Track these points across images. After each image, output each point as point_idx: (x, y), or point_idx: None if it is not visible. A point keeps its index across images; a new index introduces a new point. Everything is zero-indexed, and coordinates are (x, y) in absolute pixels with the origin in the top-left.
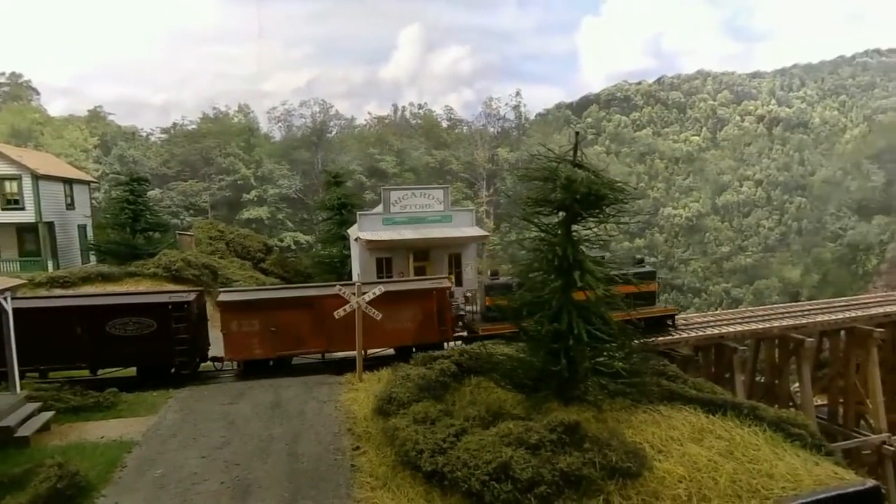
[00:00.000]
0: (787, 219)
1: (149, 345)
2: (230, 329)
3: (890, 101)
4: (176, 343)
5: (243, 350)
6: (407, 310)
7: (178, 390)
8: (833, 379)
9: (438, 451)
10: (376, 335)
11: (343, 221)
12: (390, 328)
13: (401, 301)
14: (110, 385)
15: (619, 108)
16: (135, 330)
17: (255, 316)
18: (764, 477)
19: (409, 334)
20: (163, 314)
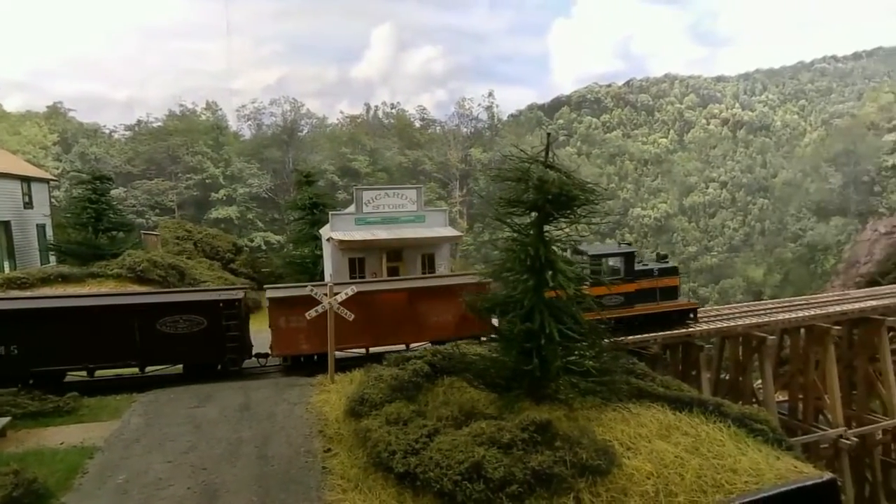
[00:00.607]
0: (750, 220)
1: (199, 342)
2: (278, 325)
3: (846, 106)
4: (226, 340)
5: (291, 345)
6: (447, 304)
7: (142, 394)
8: (793, 375)
9: (411, 451)
10: (418, 329)
11: (315, 221)
12: (432, 322)
13: (442, 295)
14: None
15: (590, 109)
16: (185, 327)
17: (303, 311)
18: (728, 472)
19: (449, 328)
20: (214, 312)
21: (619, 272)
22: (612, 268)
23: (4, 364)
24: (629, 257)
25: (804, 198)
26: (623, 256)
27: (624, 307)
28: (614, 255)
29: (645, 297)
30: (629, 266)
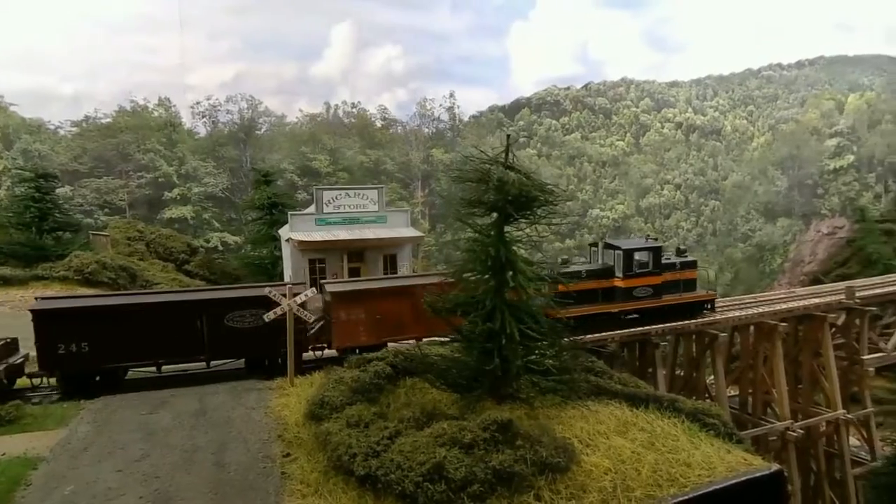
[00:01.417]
0: (703, 221)
1: (263, 336)
2: (339, 318)
3: (790, 112)
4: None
5: (351, 337)
6: None
7: (90, 401)
8: (744, 371)
9: (372, 454)
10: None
11: (274, 222)
12: None
13: None
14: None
15: (550, 112)
16: (251, 322)
17: (362, 305)
18: (682, 466)
19: None
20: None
21: (648, 265)
22: (640, 261)
23: (76, 361)
24: (657, 251)
25: (753, 200)
26: (651, 251)
27: (653, 298)
28: (644, 249)
29: (671, 289)
30: (657, 259)
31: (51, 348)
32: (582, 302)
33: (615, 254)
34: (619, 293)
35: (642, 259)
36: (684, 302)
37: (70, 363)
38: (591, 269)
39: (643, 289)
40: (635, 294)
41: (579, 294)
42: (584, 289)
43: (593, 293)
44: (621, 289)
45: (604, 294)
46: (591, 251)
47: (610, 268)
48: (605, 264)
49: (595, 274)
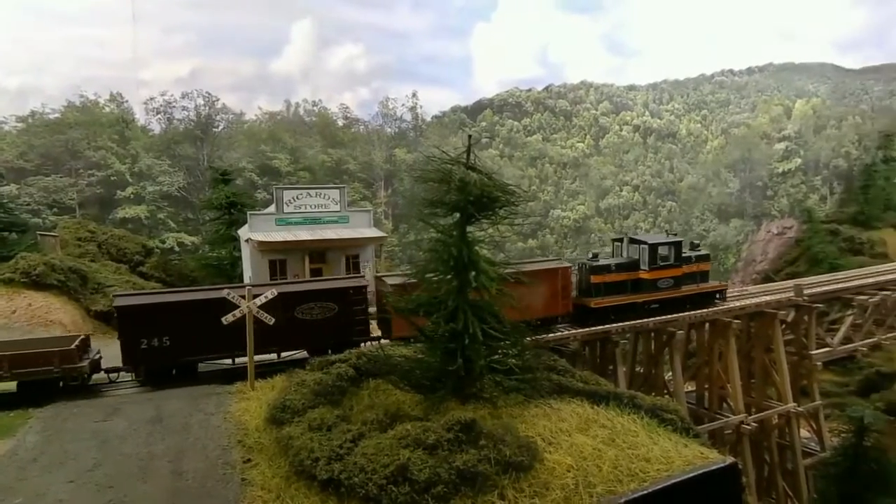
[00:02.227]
0: (660, 221)
1: (330, 326)
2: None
3: (742, 117)
4: (354, 324)
5: (408, 327)
6: (534, 287)
7: (40, 409)
8: (700, 367)
9: (335, 457)
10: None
11: (233, 222)
12: (524, 304)
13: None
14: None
15: (512, 113)
16: (319, 313)
17: None
18: (641, 461)
19: (536, 308)
20: (344, 298)
21: (669, 259)
22: (663, 255)
23: (159, 354)
24: (678, 246)
25: (707, 201)
26: (673, 245)
27: (674, 289)
28: (666, 243)
29: (689, 280)
30: (678, 253)
31: (134, 344)
32: (612, 293)
33: (640, 248)
34: (645, 284)
35: (665, 253)
36: (701, 292)
37: (153, 357)
38: (619, 263)
39: (665, 280)
40: (659, 285)
41: (610, 285)
42: (615, 280)
43: (623, 284)
44: (647, 280)
45: (632, 285)
46: (615, 245)
47: (636, 261)
48: (630, 258)
49: (623, 267)
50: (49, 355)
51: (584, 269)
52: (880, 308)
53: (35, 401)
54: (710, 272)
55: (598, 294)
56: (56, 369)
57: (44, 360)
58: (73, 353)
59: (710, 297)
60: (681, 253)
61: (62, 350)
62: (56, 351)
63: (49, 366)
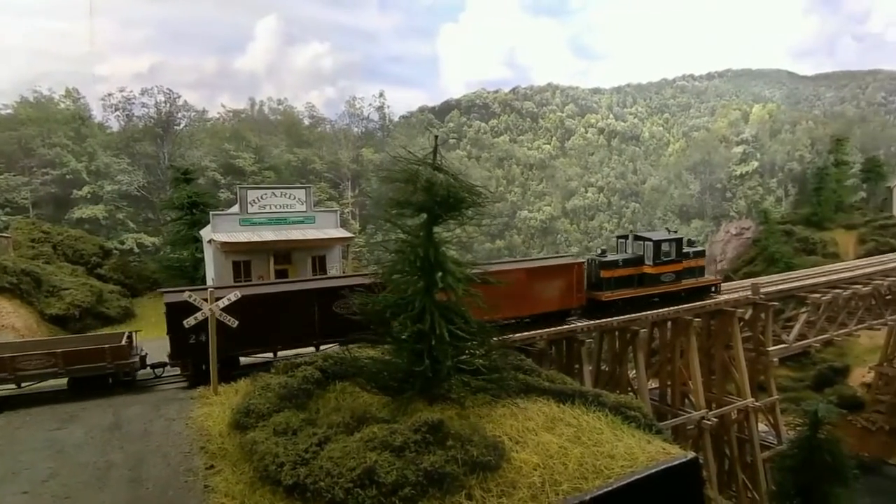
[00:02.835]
0: (624, 222)
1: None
2: None
3: (702, 121)
4: None
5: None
6: (554, 281)
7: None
8: (663, 364)
9: (300, 462)
10: (531, 303)
11: (195, 222)
12: (543, 297)
13: (549, 274)
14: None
15: (479, 114)
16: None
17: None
18: (606, 458)
19: (555, 301)
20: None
21: (671, 254)
22: (665, 251)
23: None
24: (678, 242)
25: (669, 202)
26: (674, 241)
27: (675, 283)
28: (668, 240)
29: (688, 274)
30: (679, 249)
31: (183, 339)
32: (621, 287)
33: (645, 244)
34: (650, 278)
35: (667, 249)
36: (699, 286)
37: (201, 352)
38: (626, 259)
39: (668, 275)
40: (662, 279)
41: (618, 280)
42: (622, 275)
43: (630, 279)
44: (651, 275)
45: (638, 279)
46: (619, 242)
47: (640, 257)
48: (635, 254)
49: (629, 262)
50: (102, 351)
51: (594, 264)
52: (832, 306)
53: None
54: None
55: (609, 288)
56: (109, 365)
57: (97, 355)
58: (125, 349)
59: (707, 290)
60: (681, 249)
61: (114, 346)
62: (108, 347)
63: (102, 361)
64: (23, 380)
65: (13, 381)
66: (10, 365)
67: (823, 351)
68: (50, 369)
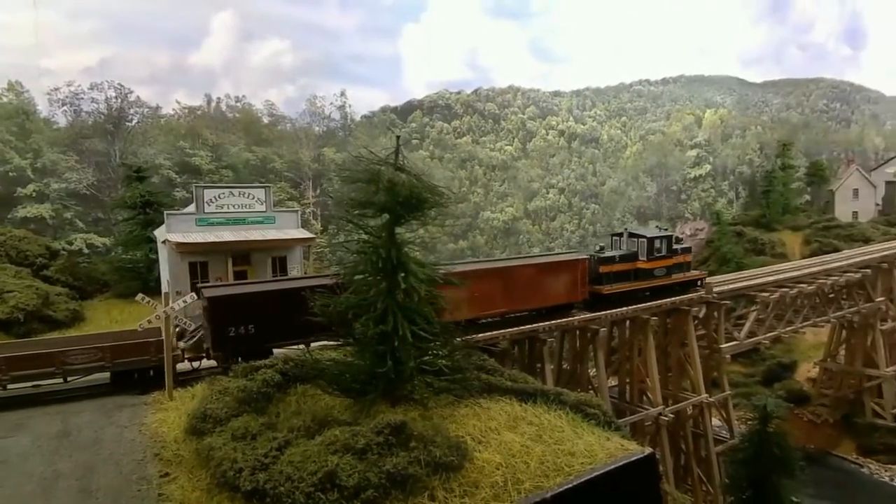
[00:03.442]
0: (584, 223)
1: None
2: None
3: (658, 125)
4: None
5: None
6: (559, 276)
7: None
8: (622, 362)
9: (259, 467)
10: (539, 297)
11: (149, 222)
12: (548, 291)
13: (558, 270)
14: None
15: (441, 115)
16: None
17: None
18: (567, 456)
19: (561, 295)
20: None
21: (662, 250)
22: (657, 247)
23: (245, 341)
24: (669, 239)
25: (627, 204)
26: (665, 238)
27: (666, 277)
28: (660, 237)
29: (677, 269)
30: (669, 246)
31: (223, 331)
32: (619, 280)
33: (639, 241)
34: (644, 273)
35: (658, 245)
36: (686, 280)
37: (239, 344)
38: (621, 254)
39: (660, 269)
40: (655, 273)
41: (616, 274)
42: (619, 270)
43: (626, 273)
44: (645, 269)
45: (634, 274)
46: (613, 240)
47: (634, 253)
48: (630, 250)
49: (625, 258)
50: (146, 345)
51: (593, 260)
52: (780, 304)
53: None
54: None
55: (608, 282)
56: (153, 358)
57: (142, 349)
58: None
59: (693, 283)
60: (671, 245)
61: (158, 340)
62: (153, 341)
63: (146, 355)
64: (70, 374)
65: (61, 375)
66: (60, 360)
67: (772, 347)
68: (97, 363)
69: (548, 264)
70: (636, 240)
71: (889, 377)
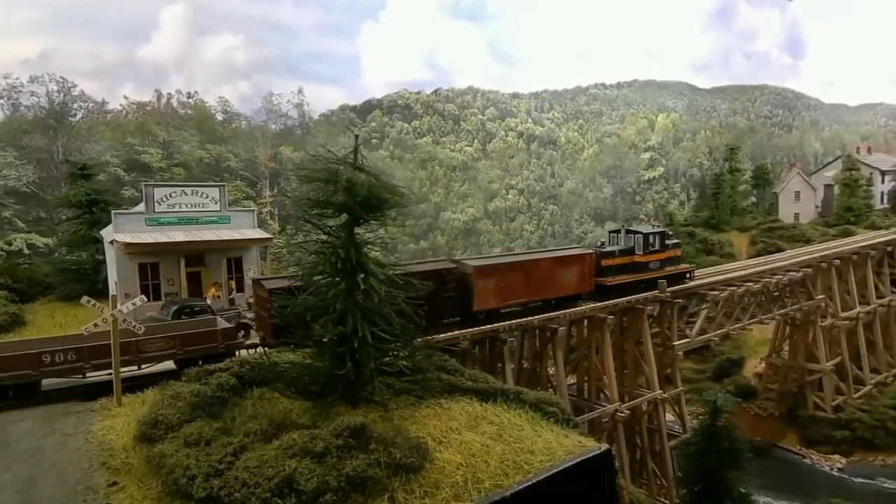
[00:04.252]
0: (543, 223)
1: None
2: (478, 287)
3: (613, 128)
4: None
5: (487, 301)
6: (571, 269)
7: None
8: (580, 361)
9: (214, 473)
10: (554, 288)
11: (95, 221)
12: (562, 282)
13: (567, 263)
14: None
15: (401, 115)
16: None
17: (493, 276)
18: (526, 454)
19: (572, 286)
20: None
21: (655, 245)
22: (652, 242)
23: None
24: (662, 235)
25: (584, 205)
26: (659, 234)
27: (660, 269)
28: (655, 233)
29: (670, 262)
30: (662, 241)
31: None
32: (619, 273)
33: (636, 237)
34: (640, 266)
35: (653, 241)
36: (678, 272)
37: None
38: (620, 249)
39: (654, 262)
40: (650, 266)
41: (617, 267)
42: (619, 263)
43: (625, 266)
44: (641, 262)
45: (631, 267)
46: (611, 236)
47: (632, 247)
48: (627, 245)
49: (624, 252)
50: (214, 333)
51: (596, 254)
52: (729, 302)
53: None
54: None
55: (611, 274)
56: (220, 345)
57: (211, 337)
58: (233, 331)
59: (683, 275)
60: (664, 241)
61: (224, 329)
62: (220, 329)
63: (214, 342)
64: (144, 362)
65: (136, 363)
66: (136, 348)
67: (722, 344)
68: (169, 351)
69: (562, 258)
70: (633, 235)
71: (828, 371)
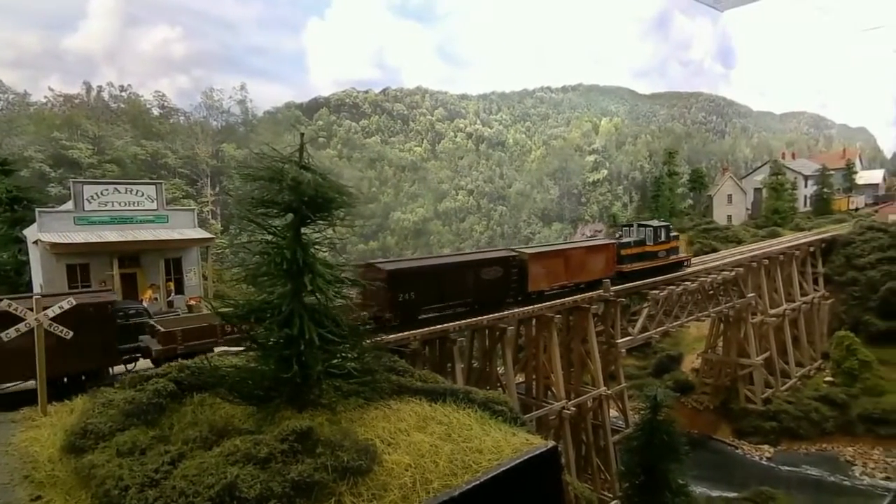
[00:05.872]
0: (492, 224)
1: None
2: (532, 271)
3: (559, 130)
4: (512, 283)
5: (538, 283)
6: (599, 256)
7: None
8: (528, 359)
9: (149, 483)
10: (586, 272)
11: (17, 220)
12: (593, 268)
13: (597, 252)
14: None
15: (349, 113)
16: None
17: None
18: (475, 453)
19: (600, 271)
20: (506, 263)
21: (662, 236)
22: (659, 234)
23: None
24: (668, 228)
25: (532, 206)
26: (665, 227)
27: (666, 258)
28: (661, 226)
29: (673, 252)
30: (667, 233)
31: (395, 297)
32: (634, 261)
33: (646, 230)
34: (650, 255)
35: (660, 233)
36: (679, 260)
37: (405, 307)
38: (634, 240)
39: (662, 252)
40: (658, 255)
41: (632, 256)
42: (634, 252)
43: (639, 255)
44: (651, 252)
45: (644, 255)
46: (624, 230)
47: (643, 239)
48: (639, 237)
49: (637, 243)
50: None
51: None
52: (668, 301)
53: None
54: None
55: (629, 262)
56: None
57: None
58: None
59: (681, 264)
60: (669, 233)
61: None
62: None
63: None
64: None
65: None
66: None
67: (662, 341)
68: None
69: (593, 247)
70: (644, 228)
71: (758, 365)
